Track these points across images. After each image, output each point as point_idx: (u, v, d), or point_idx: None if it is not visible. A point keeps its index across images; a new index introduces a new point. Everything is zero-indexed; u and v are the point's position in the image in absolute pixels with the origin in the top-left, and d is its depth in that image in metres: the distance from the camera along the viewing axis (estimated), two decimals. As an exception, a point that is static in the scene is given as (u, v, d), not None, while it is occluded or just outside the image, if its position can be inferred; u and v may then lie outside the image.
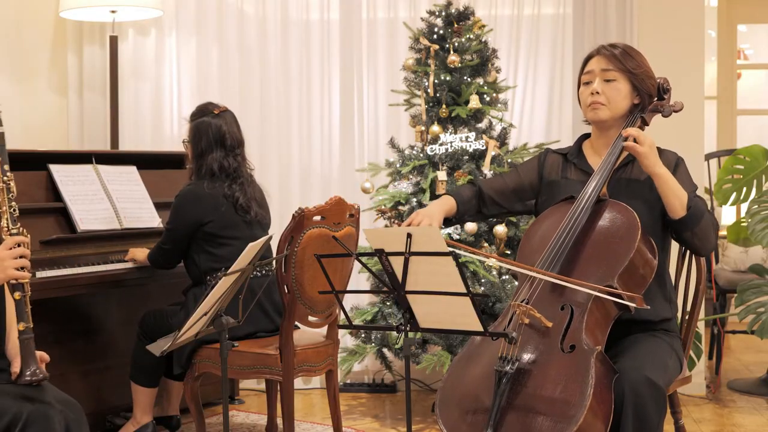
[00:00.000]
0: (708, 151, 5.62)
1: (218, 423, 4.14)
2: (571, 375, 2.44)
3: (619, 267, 2.57)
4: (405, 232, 2.39)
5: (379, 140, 4.95)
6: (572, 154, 2.91)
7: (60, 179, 3.85)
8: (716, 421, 4.27)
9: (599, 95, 2.77)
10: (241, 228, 3.64)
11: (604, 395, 2.43)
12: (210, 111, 3.72)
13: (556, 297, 2.61)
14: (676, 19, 4.65)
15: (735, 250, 5.42)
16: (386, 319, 4.32)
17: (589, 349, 2.46)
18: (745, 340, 6.08)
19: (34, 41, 4.85)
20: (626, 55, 2.79)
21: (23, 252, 2.40)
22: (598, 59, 2.81)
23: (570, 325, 2.54)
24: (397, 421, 4.31)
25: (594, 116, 2.80)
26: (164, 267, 3.76)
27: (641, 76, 2.79)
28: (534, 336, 2.56)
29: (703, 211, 2.66)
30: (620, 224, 2.64)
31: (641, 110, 2.82)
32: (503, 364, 2.49)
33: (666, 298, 2.78)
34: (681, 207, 2.64)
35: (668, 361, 2.67)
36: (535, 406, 2.43)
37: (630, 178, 2.78)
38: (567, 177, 2.89)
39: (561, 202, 2.81)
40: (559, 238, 2.66)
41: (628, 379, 2.45)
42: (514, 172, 3.00)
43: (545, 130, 4.94)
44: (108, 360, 3.99)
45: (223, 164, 3.65)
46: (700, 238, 2.66)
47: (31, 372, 2.36)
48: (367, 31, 5.00)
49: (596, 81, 2.79)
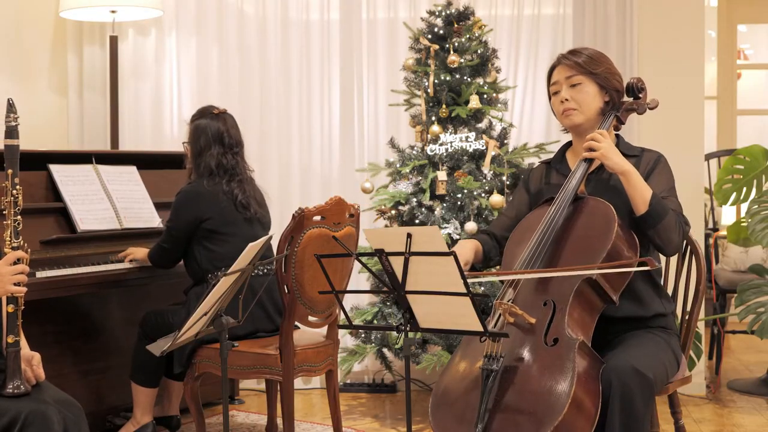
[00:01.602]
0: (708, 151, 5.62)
1: (218, 423, 4.14)
2: (555, 367, 2.47)
3: (599, 258, 2.61)
4: (405, 232, 2.39)
5: (379, 140, 4.96)
6: (555, 160, 2.99)
7: (60, 179, 3.85)
8: (716, 421, 4.27)
9: (569, 101, 2.84)
10: (240, 225, 3.65)
11: (589, 385, 2.45)
12: (209, 112, 3.75)
13: (539, 294, 2.65)
14: (676, 19, 4.65)
15: (735, 250, 5.42)
16: (386, 319, 4.33)
17: (571, 340, 2.49)
18: (745, 340, 6.08)
19: (34, 41, 4.85)
20: (581, 55, 2.85)
21: (23, 269, 2.50)
22: (560, 69, 2.88)
23: (553, 319, 2.57)
24: (397, 421, 4.31)
25: (569, 122, 2.87)
26: (164, 266, 3.76)
27: (603, 74, 2.84)
28: (519, 333, 2.59)
29: (666, 209, 2.68)
30: (597, 218, 2.69)
31: (615, 109, 2.87)
32: (489, 362, 2.52)
33: (657, 293, 2.80)
34: (643, 204, 2.67)
35: (661, 354, 2.68)
36: (521, 401, 2.46)
37: (609, 177, 2.83)
38: (549, 182, 2.95)
39: (541, 204, 2.87)
40: (540, 237, 2.70)
41: (614, 368, 2.48)
42: (509, 206, 3.07)
43: (545, 130, 4.94)
44: (108, 360, 3.99)
45: (221, 161, 3.67)
46: (662, 237, 2.68)
47: (14, 386, 2.44)
48: (367, 31, 5.00)
49: (563, 89, 2.85)
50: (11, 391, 2.42)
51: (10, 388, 2.43)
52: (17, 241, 2.52)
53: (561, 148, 3.03)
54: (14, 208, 2.53)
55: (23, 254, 2.51)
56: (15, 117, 2.56)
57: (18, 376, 2.45)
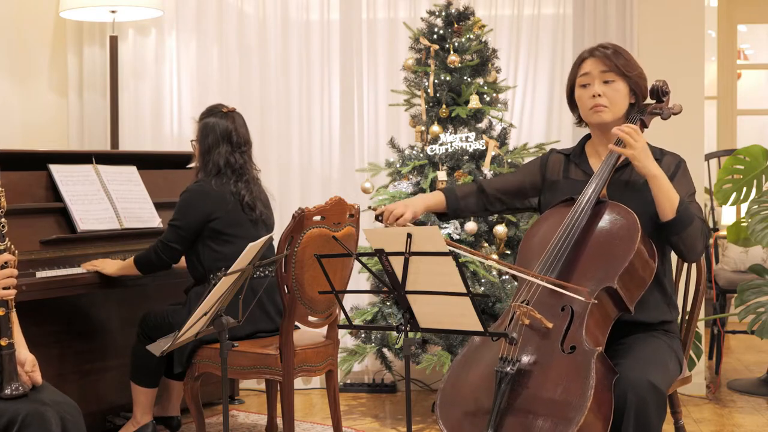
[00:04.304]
0: (708, 151, 5.62)
1: (218, 423, 4.14)
2: (571, 376, 2.43)
3: (619, 269, 2.57)
4: (405, 232, 2.39)
5: (379, 140, 4.96)
6: (575, 154, 2.91)
7: (60, 179, 3.85)
8: (716, 421, 4.27)
9: (601, 97, 2.76)
10: (246, 226, 3.65)
11: (604, 396, 2.43)
12: (218, 110, 3.75)
13: (556, 298, 2.60)
14: (676, 19, 4.65)
15: (735, 250, 5.42)
16: (386, 319, 4.32)
17: (589, 350, 2.46)
18: (745, 340, 6.08)
19: (34, 41, 4.85)
20: (619, 56, 2.79)
21: (10, 272, 2.50)
22: (594, 61, 2.79)
23: (570, 326, 2.54)
24: (397, 421, 4.31)
25: (598, 119, 2.78)
26: (160, 268, 3.67)
27: (635, 78, 2.79)
28: (534, 337, 2.55)
29: (692, 216, 2.63)
30: (620, 226, 2.64)
31: (640, 112, 2.81)
32: (504, 365, 2.49)
33: (666, 301, 2.77)
34: (671, 210, 2.61)
35: (668, 362, 2.66)
36: (535, 407, 2.42)
37: (629, 179, 2.78)
38: (568, 177, 2.88)
39: (560, 203, 2.80)
40: (559, 240, 2.65)
41: (630, 382, 2.44)
42: (517, 172, 3.01)
43: (545, 130, 4.94)
44: (108, 360, 3.99)
45: (229, 160, 3.66)
46: (686, 243, 2.64)
47: (12, 388, 2.44)
48: (367, 31, 5.00)
49: (596, 83, 2.77)
50: (9, 393, 2.42)
51: (8, 391, 2.43)
52: (3, 243, 2.51)
53: (580, 141, 2.94)
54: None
55: (10, 257, 2.51)
56: None
57: (15, 378, 2.45)
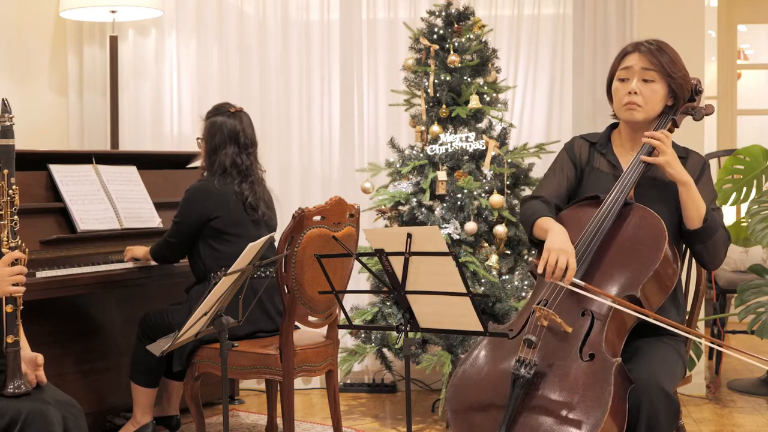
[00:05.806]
0: (708, 151, 5.62)
1: (218, 423, 4.14)
2: (588, 385, 2.41)
3: (645, 276, 2.55)
4: (405, 232, 2.39)
5: (379, 140, 4.95)
6: (601, 144, 2.86)
7: (60, 179, 3.85)
8: (716, 421, 4.27)
9: (637, 96, 2.71)
10: (248, 226, 3.65)
11: (619, 406, 2.41)
12: (226, 110, 3.75)
13: (576, 302, 2.57)
14: (676, 19, 4.65)
15: (735, 250, 5.42)
16: (386, 319, 4.32)
17: (608, 361, 2.43)
18: (745, 340, 6.07)
19: (34, 41, 4.85)
20: (664, 53, 2.72)
21: (21, 269, 2.51)
22: (639, 56, 2.73)
23: (590, 332, 2.51)
24: (397, 421, 4.31)
25: (629, 117, 2.75)
26: (168, 261, 3.76)
27: (679, 81, 2.73)
28: (553, 340, 2.52)
29: (718, 225, 2.63)
30: (647, 232, 2.60)
31: (673, 112, 2.77)
32: (520, 367, 2.46)
33: (675, 304, 2.75)
34: (698, 218, 2.61)
35: (677, 368, 2.65)
36: (550, 412, 2.40)
37: (656, 177, 2.73)
38: (593, 165, 2.84)
39: (585, 201, 2.76)
40: (585, 241, 2.62)
41: (645, 390, 2.43)
42: (553, 174, 2.88)
43: (545, 130, 4.94)
44: (108, 360, 3.99)
45: (235, 161, 3.66)
46: (710, 252, 2.64)
47: (14, 386, 2.44)
48: (367, 31, 5.00)
49: (634, 80, 2.72)
50: (12, 391, 2.43)
51: (10, 388, 2.43)
52: (15, 241, 2.52)
53: (606, 130, 2.89)
54: (11, 208, 2.53)
55: (21, 254, 2.52)
56: (10, 117, 2.56)
57: (18, 376, 2.45)
